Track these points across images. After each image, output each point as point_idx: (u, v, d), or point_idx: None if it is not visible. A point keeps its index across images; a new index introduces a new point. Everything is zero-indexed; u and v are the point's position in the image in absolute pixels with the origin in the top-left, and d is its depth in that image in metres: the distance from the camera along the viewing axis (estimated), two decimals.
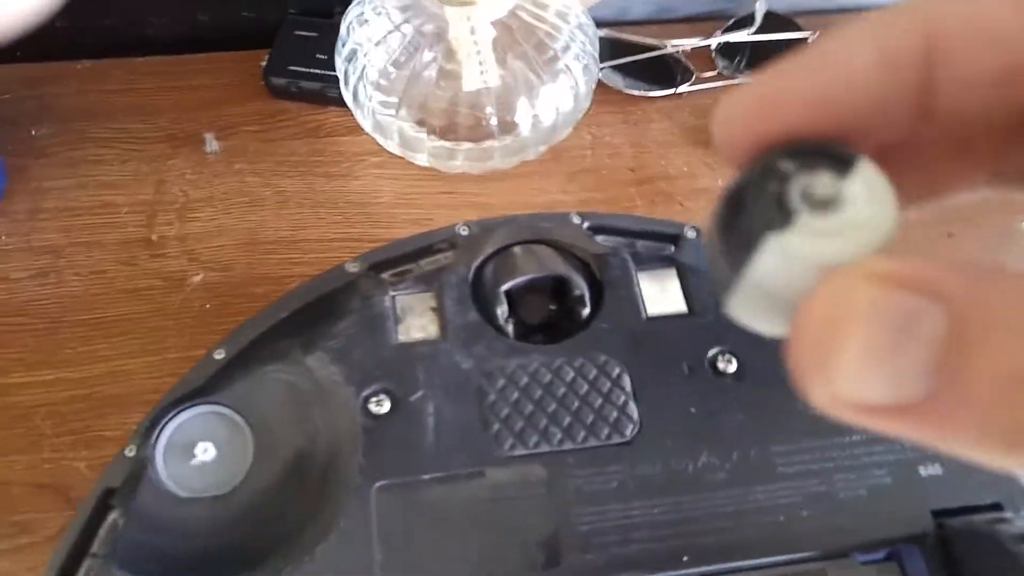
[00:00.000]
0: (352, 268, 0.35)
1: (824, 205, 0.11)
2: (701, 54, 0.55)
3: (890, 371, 0.10)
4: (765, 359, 0.33)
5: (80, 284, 0.45)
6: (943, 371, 0.10)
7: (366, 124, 0.45)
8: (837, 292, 0.11)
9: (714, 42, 0.54)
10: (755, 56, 0.55)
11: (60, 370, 0.42)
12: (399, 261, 0.36)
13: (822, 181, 0.12)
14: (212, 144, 0.50)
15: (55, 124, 0.51)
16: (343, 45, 0.44)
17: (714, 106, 0.12)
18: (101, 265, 0.45)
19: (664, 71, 0.54)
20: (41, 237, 0.46)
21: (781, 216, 0.11)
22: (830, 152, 0.12)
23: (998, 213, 0.49)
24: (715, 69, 0.54)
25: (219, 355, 0.33)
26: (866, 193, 0.12)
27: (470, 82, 0.42)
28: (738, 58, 0.55)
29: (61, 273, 0.45)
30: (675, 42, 0.54)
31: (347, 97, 0.45)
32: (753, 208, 0.12)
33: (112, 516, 0.30)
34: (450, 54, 0.42)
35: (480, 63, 0.40)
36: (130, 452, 0.31)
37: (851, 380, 0.11)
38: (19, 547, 0.37)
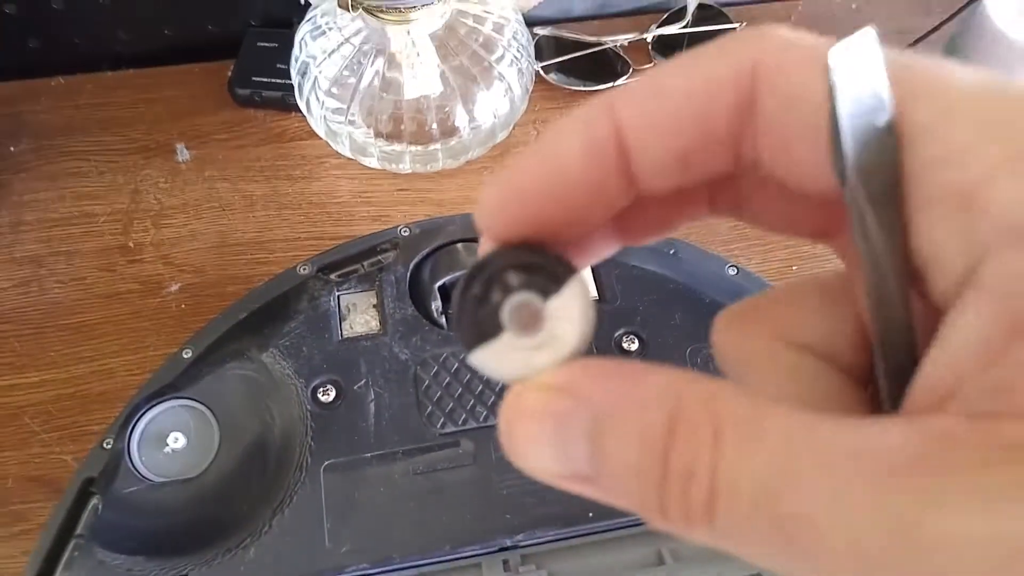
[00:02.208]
0: (303, 271, 0.39)
1: (527, 325, 0.14)
2: (639, 48, 0.58)
3: (561, 453, 0.14)
4: (663, 339, 0.37)
5: (62, 291, 0.49)
6: (594, 455, 0.13)
7: (319, 130, 0.49)
8: (514, 400, 0.14)
9: (650, 36, 0.58)
10: (692, 48, 0.58)
11: (46, 371, 0.46)
12: (345, 263, 0.40)
13: (529, 304, 0.15)
14: (183, 153, 0.53)
15: (33, 140, 0.54)
16: (296, 60, 0.48)
17: None
18: (81, 272, 0.49)
19: (605, 66, 0.57)
20: (23, 248, 0.50)
21: (492, 330, 0.15)
22: (547, 266, 0.15)
23: None
24: (652, 62, 0.58)
25: (187, 354, 0.37)
26: (566, 311, 0.14)
27: (411, 90, 0.46)
28: (675, 51, 0.59)
29: (43, 282, 0.49)
30: (613, 38, 0.57)
31: (302, 106, 0.49)
32: (470, 318, 0.15)
33: (93, 502, 0.34)
34: (394, 64, 0.46)
35: (416, 76, 0.44)
36: (107, 444, 0.35)
37: (532, 460, 0.14)
38: (15, 534, 0.41)
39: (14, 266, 0.49)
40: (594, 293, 0.38)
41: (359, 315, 0.38)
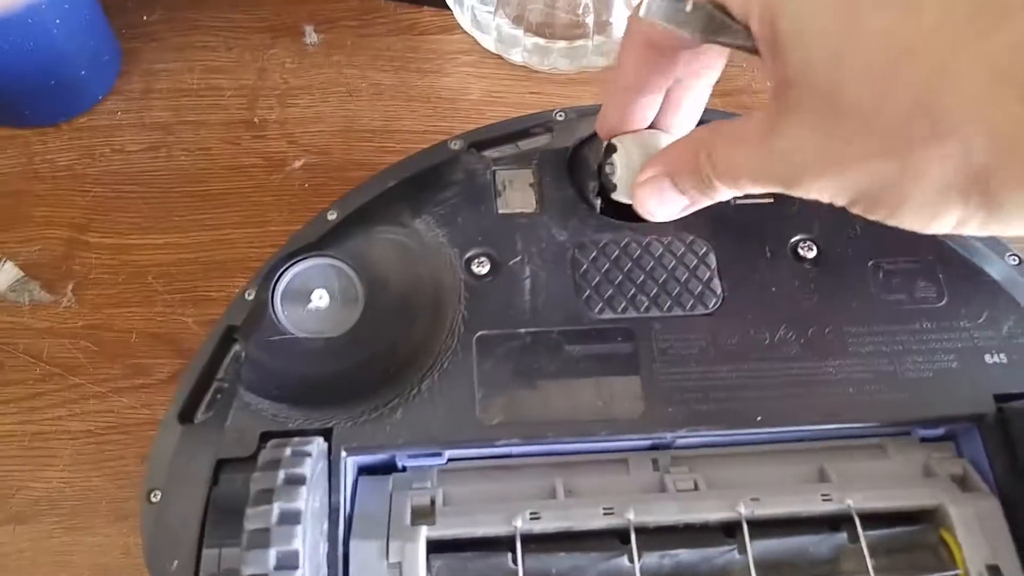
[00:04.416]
0: (455, 145, 0.37)
1: None
2: None
3: (666, 202, 0.29)
4: (843, 249, 0.35)
5: (188, 159, 0.48)
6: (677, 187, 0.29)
7: (464, 21, 0.47)
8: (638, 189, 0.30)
9: None
10: None
11: (170, 235, 0.45)
12: (498, 141, 0.38)
13: None
14: (312, 36, 0.52)
15: (165, 11, 0.53)
16: None
17: None
18: (207, 143, 0.48)
19: None
20: (152, 115, 0.49)
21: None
22: None
23: None
24: None
25: (332, 215, 0.36)
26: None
27: None
28: None
29: (171, 148, 0.48)
30: None
31: None
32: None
33: (235, 349, 0.33)
34: None
35: None
36: (249, 295, 0.34)
37: (656, 211, 0.30)
38: (136, 386, 0.41)
39: (144, 131, 0.48)
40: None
41: (515, 192, 0.36)
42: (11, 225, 0.45)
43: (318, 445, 0.29)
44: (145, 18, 0.53)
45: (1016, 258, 0.35)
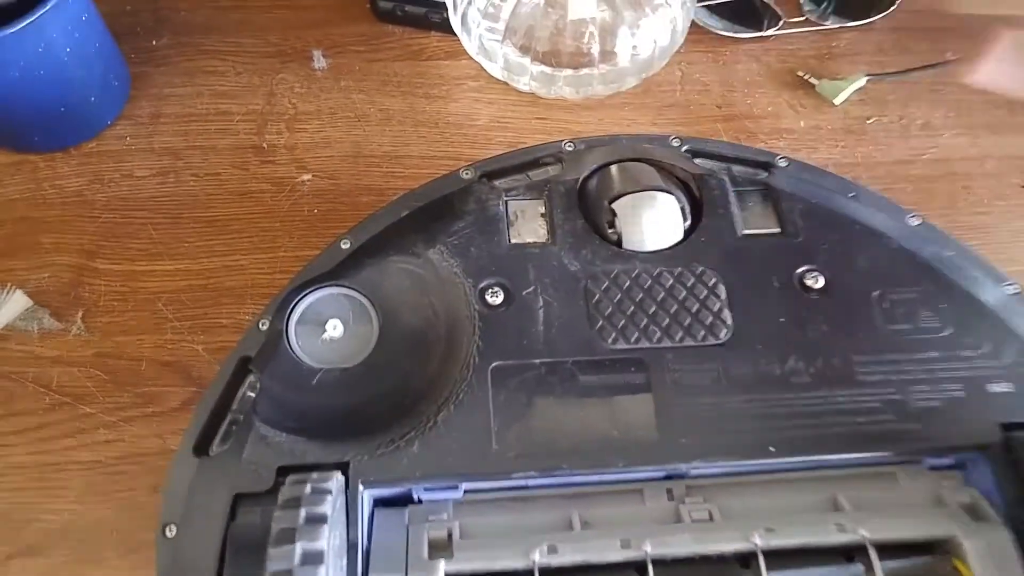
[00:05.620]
0: (466, 175, 0.38)
1: None
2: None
3: None
4: (850, 278, 0.35)
5: (197, 184, 0.48)
6: None
7: (471, 48, 0.47)
8: None
9: None
10: (841, 3, 0.56)
11: (180, 261, 0.45)
12: (509, 171, 0.38)
13: None
14: (320, 61, 0.52)
15: (173, 36, 0.54)
16: None
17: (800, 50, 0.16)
18: (216, 168, 0.49)
19: (754, 14, 0.55)
20: (161, 140, 0.49)
21: None
22: None
23: None
24: (803, 15, 0.56)
25: (345, 244, 0.36)
26: None
27: (576, 11, 0.44)
28: (824, 4, 0.56)
29: (180, 173, 0.48)
30: None
31: (455, 22, 0.47)
32: None
33: (249, 379, 0.33)
34: None
35: None
36: (264, 325, 0.34)
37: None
38: (147, 415, 0.41)
39: (153, 156, 0.48)
40: (775, 227, 0.37)
41: (527, 223, 0.36)
42: (20, 252, 0.45)
43: (337, 481, 0.29)
44: (154, 43, 0.53)
45: (1014, 287, 0.36)
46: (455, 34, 0.50)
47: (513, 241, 0.36)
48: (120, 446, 0.40)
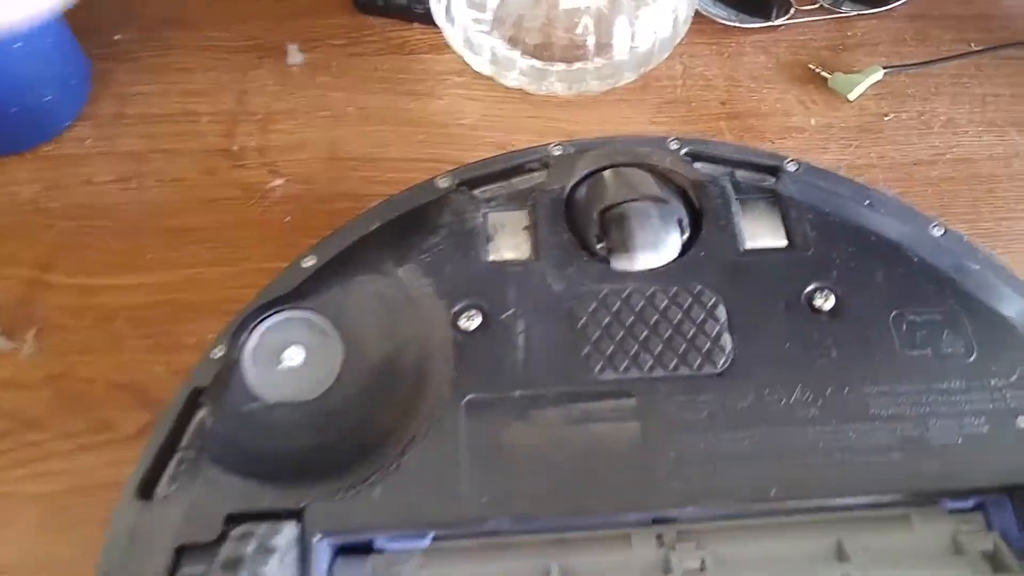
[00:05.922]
0: (443, 183, 0.34)
1: None
2: None
3: None
4: (864, 298, 0.32)
5: (161, 191, 0.45)
6: None
7: (456, 41, 0.44)
8: None
9: None
10: None
11: (140, 274, 0.42)
12: (490, 179, 0.35)
13: None
14: (295, 56, 0.49)
15: (139, 30, 0.50)
16: None
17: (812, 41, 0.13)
18: (182, 173, 0.45)
19: (762, 2, 0.51)
20: (124, 142, 0.46)
21: None
22: None
23: None
24: (815, 2, 0.52)
25: (308, 263, 0.33)
26: None
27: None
28: None
29: (143, 179, 0.45)
30: None
31: (438, 13, 0.44)
32: None
33: (200, 414, 0.30)
34: None
35: None
36: (218, 354, 0.31)
37: None
38: (99, 443, 0.38)
39: (114, 160, 0.45)
40: (783, 240, 0.33)
41: (508, 237, 0.33)
42: None
43: (287, 534, 0.26)
44: (117, 37, 0.50)
45: None
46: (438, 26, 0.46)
47: (492, 258, 0.33)
48: (72, 477, 0.37)
